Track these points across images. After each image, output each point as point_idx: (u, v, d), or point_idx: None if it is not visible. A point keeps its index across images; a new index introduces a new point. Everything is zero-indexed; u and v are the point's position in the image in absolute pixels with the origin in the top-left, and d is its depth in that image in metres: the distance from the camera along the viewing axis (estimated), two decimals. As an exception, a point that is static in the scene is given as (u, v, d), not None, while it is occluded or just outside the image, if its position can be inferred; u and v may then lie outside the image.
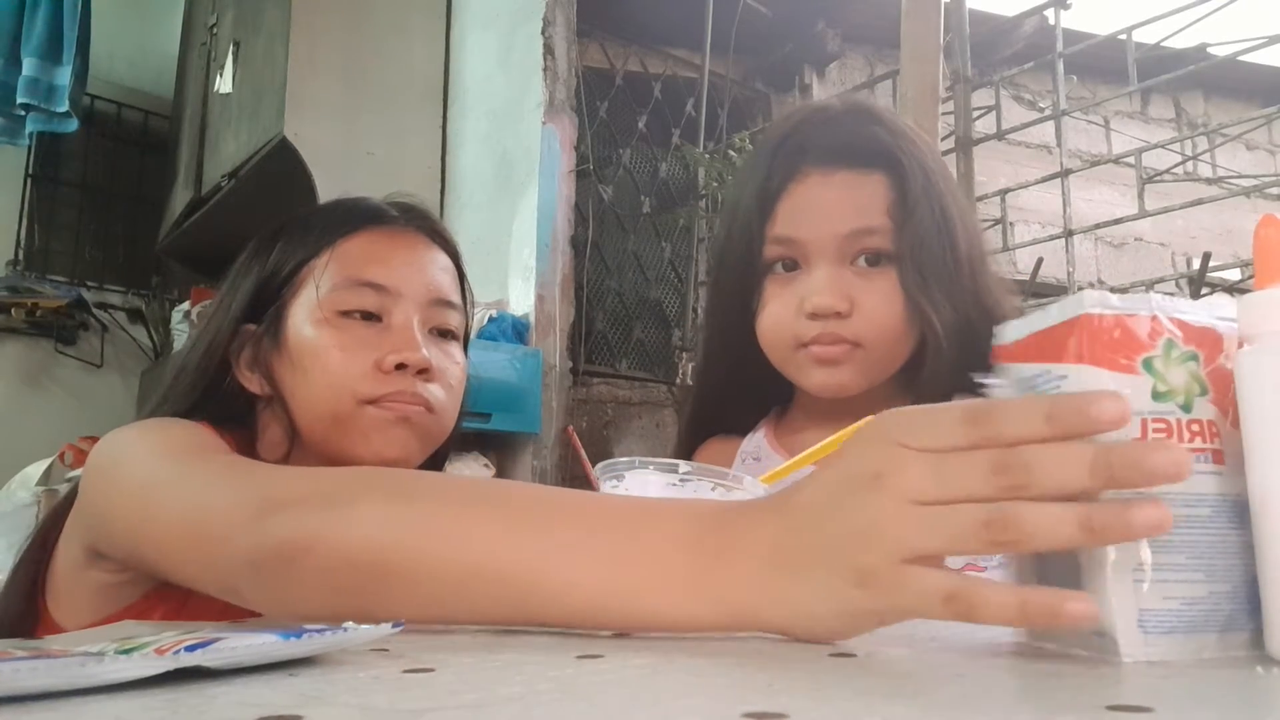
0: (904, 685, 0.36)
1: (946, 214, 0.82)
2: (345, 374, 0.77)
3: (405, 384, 0.77)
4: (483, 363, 2.53)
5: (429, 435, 0.80)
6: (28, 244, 3.86)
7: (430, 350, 0.80)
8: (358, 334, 0.79)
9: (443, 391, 0.80)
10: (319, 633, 0.42)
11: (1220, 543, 0.40)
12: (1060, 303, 0.43)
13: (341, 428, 0.77)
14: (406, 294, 0.81)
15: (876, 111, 0.90)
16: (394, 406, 0.77)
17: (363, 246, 0.83)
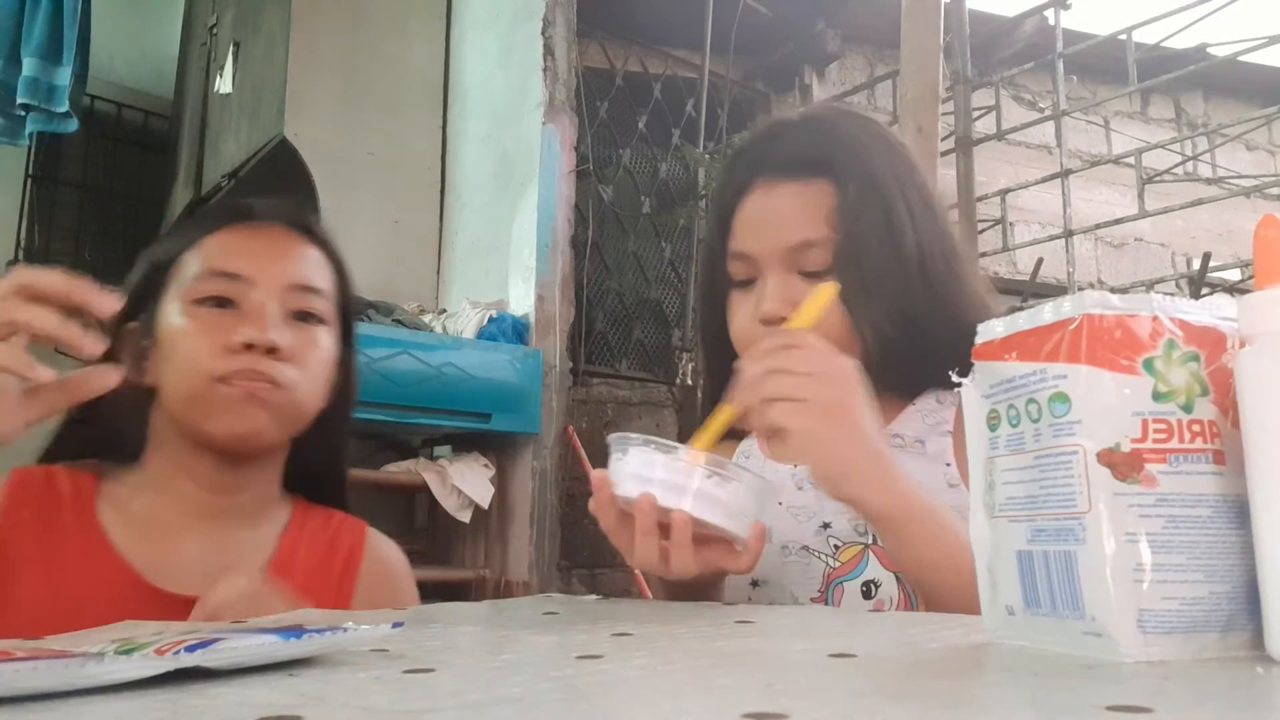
0: (904, 685, 0.36)
1: (891, 218, 0.81)
2: (197, 354, 0.81)
3: (252, 362, 0.80)
4: (483, 363, 2.55)
5: (281, 412, 0.83)
6: (28, 244, 3.87)
7: (286, 333, 0.83)
8: (212, 319, 0.82)
9: (296, 371, 0.83)
10: (319, 633, 0.42)
11: (1220, 543, 0.40)
12: (1054, 302, 0.43)
13: (196, 406, 0.81)
14: (261, 281, 0.84)
15: (828, 119, 0.90)
16: (240, 384, 0.80)
17: (223, 240, 0.87)
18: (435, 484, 2.53)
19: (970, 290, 0.84)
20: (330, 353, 0.88)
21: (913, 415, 0.85)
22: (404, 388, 2.40)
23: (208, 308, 0.83)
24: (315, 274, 0.88)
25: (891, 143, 0.88)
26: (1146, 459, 0.40)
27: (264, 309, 0.83)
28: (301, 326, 0.85)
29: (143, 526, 0.84)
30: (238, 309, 0.83)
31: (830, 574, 0.83)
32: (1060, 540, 0.41)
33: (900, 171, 0.85)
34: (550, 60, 2.88)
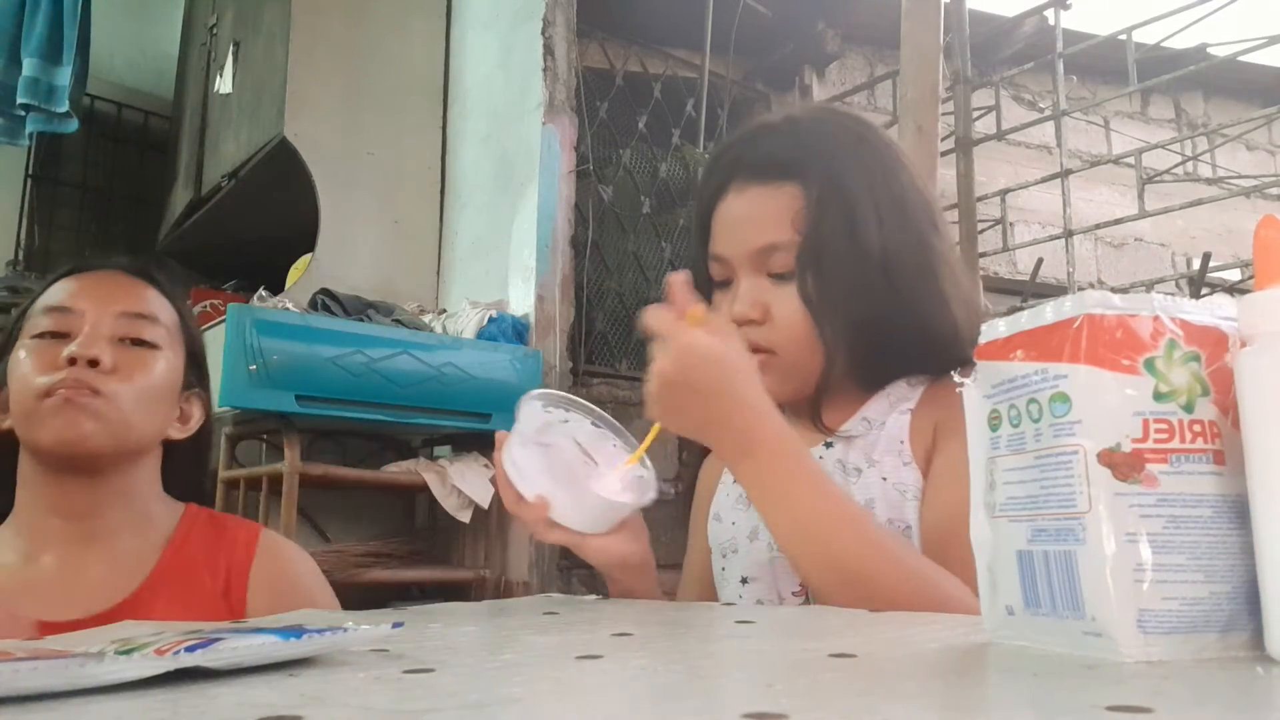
0: (904, 685, 0.36)
1: (855, 219, 0.82)
2: (29, 376, 0.88)
3: (74, 374, 0.87)
4: (483, 363, 2.54)
5: (103, 418, 0.88)
6: (28, 244, 3.86)
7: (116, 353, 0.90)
8: (45, 348, 0.90)
9: (121, 385, 0.89)
10: (319, 633, 0.42)
11: (1220, 543, 0.40)
12: (1055, 302, 0.43)
13: (29, 421, 0.88)
14: (90, 311, 0.91)
15: (806, 121, 0.90)
16: (60, 393, 0.86)
17: (60, 285, 0.95)
18: (435, 484, 2.53)
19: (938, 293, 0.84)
20: (166, 377, 0.94)
21: (880, 400, 0.86)
22: (404, 388, 2.40)
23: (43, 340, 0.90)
24: (150, 304, 0.95)
25: (868, 141, 0.88)
26: (1147, 459, 0.40)
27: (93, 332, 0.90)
28: (133, 349, 0.92)
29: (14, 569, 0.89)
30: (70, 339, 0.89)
31: None
32: (1060, 540, 0.41)
33: (871, 171, 0.85)
34: (550, 60, 2.87)
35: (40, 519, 0.90)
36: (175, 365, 0.96)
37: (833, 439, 0.86)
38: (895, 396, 0.86)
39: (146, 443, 0.94)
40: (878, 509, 0.80)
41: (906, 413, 0.84)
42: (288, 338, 2.23)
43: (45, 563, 0.89)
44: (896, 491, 0.80)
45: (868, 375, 0.87)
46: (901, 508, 0.79)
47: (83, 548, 0.90)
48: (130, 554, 0.92)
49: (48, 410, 0.86)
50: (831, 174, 0.83)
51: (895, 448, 0.82)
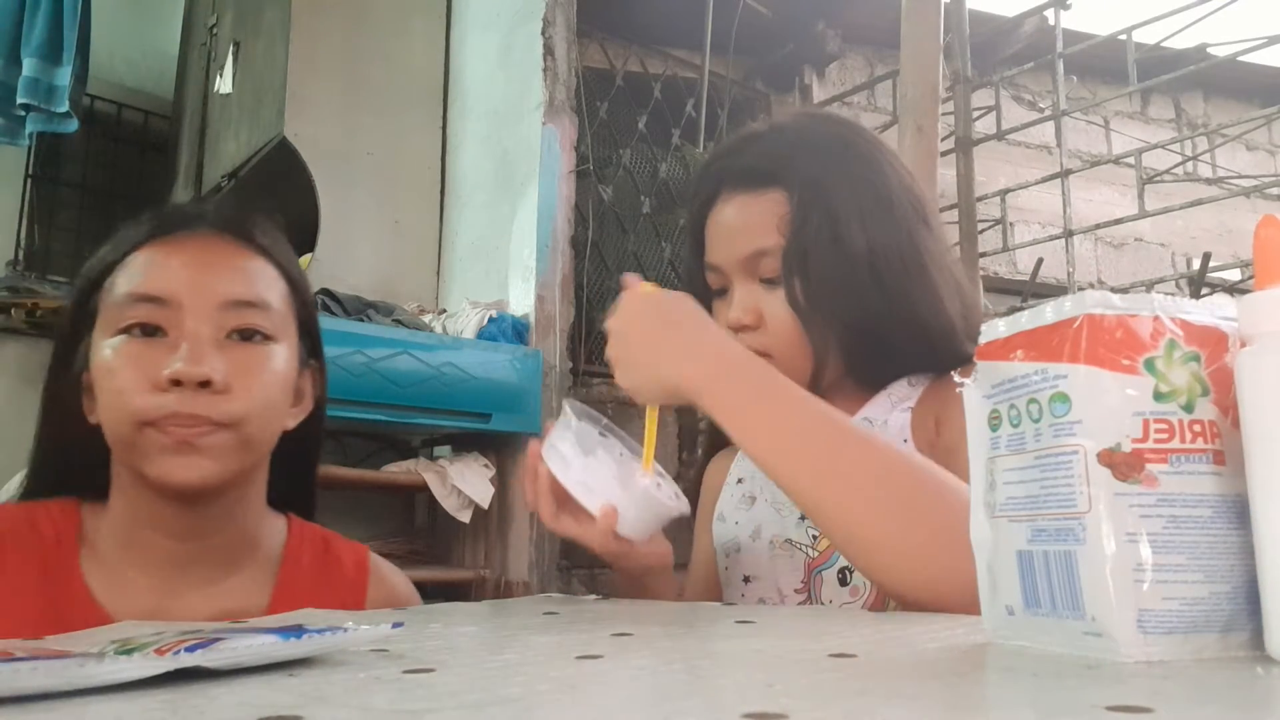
0: (904, 685, 0.36)
1: (837, 221, 0.83)
2: (122, 394, 0.72)
3: (184, 403, 0.71)
4: (483, 363, 2.54)
5: (225, 455, 0.73)
6: (28, 244, 3.86)
7: (225, 359, 0.73)
8: (136, 351, 0.73)
9: (239, 403, 0.73)
10: (319, 633, 0.42)
11: (1220, 543, 0.40)
12: (1055, 302, 0.43)
13: (130, 452, 0.73)
14: (189, 302, 0.74)
15: (789, 127, 0.91)
16: (172, 431, 0.71)
17: (145, 259, 0.77)
18: (435, 484, 2.53)
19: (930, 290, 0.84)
20: (284, 372, 0.78)
21: (881, 400, 0.87)
22: (404, 388, 2.40)
23: (133, 338, 0.73)
24: (257, 286, 0.78)
25: (851, 143, 0.88)
26: (1147, 459, 0.40)
27: (196, 334, 0.73)
28: (243, 347, 0.75)
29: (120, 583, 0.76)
30: (166, 337, 0.73)
31: (810, 564, 0.84)
32: (1060, 540, 0.41)
33: (854, 172, 0.85)
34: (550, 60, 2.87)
35: (137, 531, 0.77)
36: (292, 349, 0.80)
37: None
38: (896, 396, 0.86)
39: (265, 455, 0.79)
40: None
41: (908, 410, 0.84)
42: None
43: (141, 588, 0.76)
44: None
45: (867, 375, 0.87)
46: None
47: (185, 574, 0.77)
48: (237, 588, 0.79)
49: (154, 447, 0.71)
50: (813, 177, 0.84)
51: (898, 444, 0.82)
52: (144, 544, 0.77)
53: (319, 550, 0.86)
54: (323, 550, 0.86)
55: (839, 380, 0.87)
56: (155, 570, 0.77)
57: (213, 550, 0.78)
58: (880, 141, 0.94)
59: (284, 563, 0.83)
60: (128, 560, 0.77)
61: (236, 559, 0.80)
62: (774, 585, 0.86)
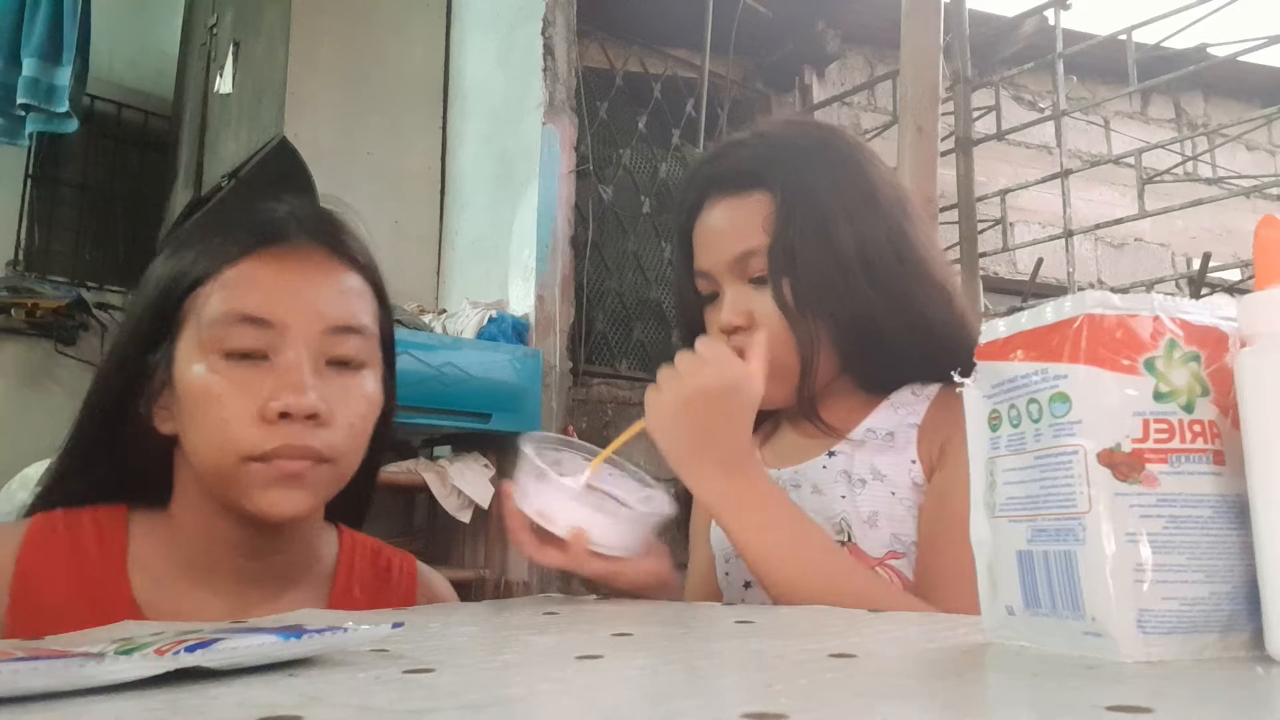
0: (904, 685, 0.36)
1: (824, 217, 0.83)
2: (226, 426, 0.69)
3: (292, 436, 0.69)
4: (483, 363, 2.54)
5: (322, 487, 0.73)
6: (28, 244, 3.87)
7: (325, 388, 0.72)
8: (239, 377, 0.70)
9: (340, 435, 0.72)
10: (319, 633, 0.42)
11: (1220, 543, 0.40)
12: (1055, 302, 0.43)
13: (227, 483, 0.71)
14: (294, 326, 0.72)
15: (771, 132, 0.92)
16: (281, 464, 0.69)
17: (247, 274, 0.73)
18: (435, 484, 2.53)
19: (928, 282, 0.85)
20: (374, 397, 0.77)
21: (885, 410, 0.86)
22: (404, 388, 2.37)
23: (234, 362, 0.71)
24: (356, 310, 0.76)
25: (832, 144, 0.89)
26: (1148, 459, 0.40)
27: (298, 364, 0.70)
28: (340, 375, 0.74)
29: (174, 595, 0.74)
30: (268, 362, 0.71)
31: None
32: (1060, 540, 0.41)
33: (836, 170, 0.86)
34: (550, 60, 2.88)
35: (208, 548, 0.75)
36: (378, 371, 0.79)
37: (836, 448, 0.85)
38: (901, 405, 0.86)
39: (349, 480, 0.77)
40: (881, 522, 0.80)
41: (914, 427, 0.84)
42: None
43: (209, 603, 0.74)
44: (903, 507, 0.80)
45: (865, 376, 0.87)
46: (907, 523, 0.80)
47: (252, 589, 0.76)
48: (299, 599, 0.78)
49: (257, 478, 0.69)
50: (797, 177, 0.85)
51: (905, 465, 0.82)
52: (212, 561, 0.75)
53: (370, 559, 0.85)
54: (373, 559, 0.85)
55: (835, 381, 0.87)
56: (221, 586, 0.75)
57: (278, 566, 0.78)
58: (861, 142, 0.95)
59: (338, 573, 0.82)
60: (190, 576, 0.75)
61: (298, 573, 0.80)
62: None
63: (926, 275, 0.85)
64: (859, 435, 0.85)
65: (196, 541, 0.75)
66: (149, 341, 0.74)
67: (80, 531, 0.74)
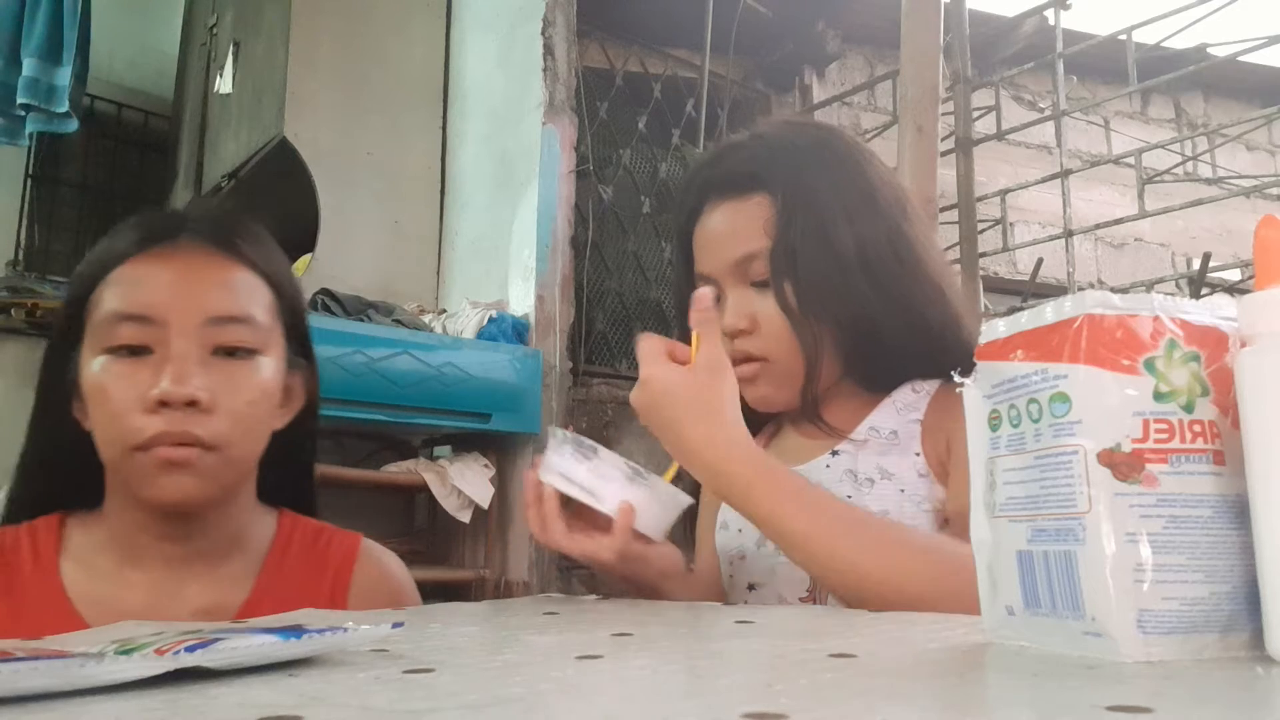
0: (904, 685, 0.36)
1: (824, 219, 0.83)
2: (113, 418, 0.74)
3: (172, 423, 0.72)
4: (483, 363, 2.54)
5: (212, 473, 0.75)
6: (28, 244, 3.87)
7: (210, 377, 0.75)
8: (125, 371, 0.74)
9: (225, 422, 0.75)
10: (319, 633, 0.42)
11: (1220, 543, 0.40)
12: (1055, 302, 0.43)
13: (124, 474, 0.75)
14: (174, 321, 0.75)
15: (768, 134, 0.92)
16: (162, 452, 0.73)
17: (129, 275, 0.77)
18: (435, 484, 2.53)
19: (926, 281, 0.85)
20: (268, 384, 0.80)
21: (887, 408, 0.86)
22: (404, 388, 2.40)
23: (119, 358, 0.75)
24: (241, 300, 0.79)
25: (830, 145, 0.89)
26: (1148, 459, 0.40)
27: (182, 354, 0.74)
28: (228, 363, 0.77)
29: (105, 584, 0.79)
30: (153, 355, 0.75)
31: None
32: (1060, 540, 0.41)
33: (835, 172, 0.86)
34: (550, 60, 2.88)
35: (132, 535, 0.79)
36: (278, 357, 0.81)
37: (839, 448, 0.86)
38: (902, 403, 0.86)
39: (252, 465, 0.82)
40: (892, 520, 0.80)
41: (916, 422, 0.84)
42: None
43: (138, 583, 0.79)
44: (912, 504, 0.80)
45: (867, 377, 0.87)
46: (917, 520, 0.80)
47: (180, 571, 0.80)
48: (227, 577, 0.82)
49: (144, 467, 0.73)
50: (796, 179, 0.85)
51: (910, 460, 0.82)
52: (139, 548, 0.80)
53: (309, 541, 0.88)
54: (313, 540, 0.88)
55: (838, 383, 0.87)
56: (152, 568, 0.80)
57: (203, 549, 0.81)
58: (859, 142, 0.95)
59: (270, 554, 0.85)
60: (122, 563, 0.80)
61: (226, 555, 0.83)
62: (777, 594, 0.86)
63: (924, 275, 0.85)
64: (861, 434, 0.85)
65: (124, 531, 0.79)
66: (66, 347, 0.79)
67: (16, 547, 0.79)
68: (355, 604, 0.85)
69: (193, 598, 0.80)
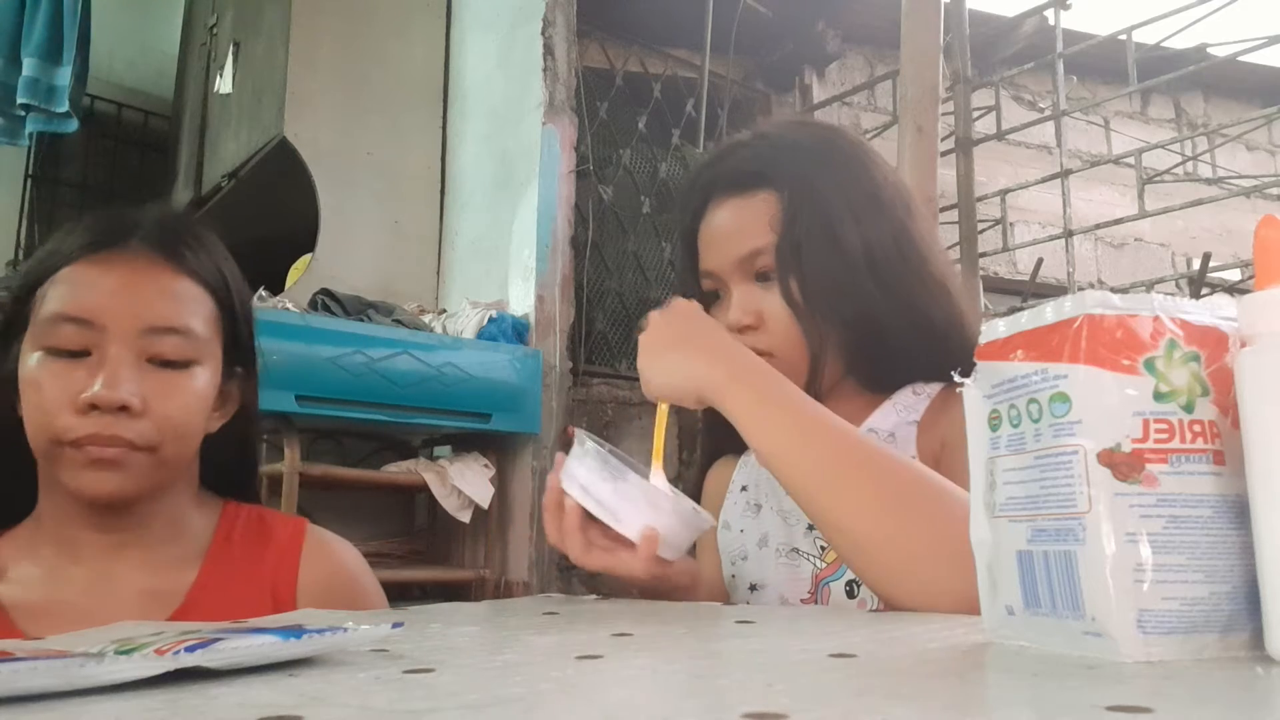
0: (904, 685, 0.36)
1: (830, 216, 0.83)
2: (44, 413, 0.76)
3: (102, 425, 0.75)
4: (483, 363, 2.54)
5: (142, 471, 0.78)
6: (28, 244, 3.86)
7: (144, 383, 0.77)
8: (59, 370, 0.77)
9: (154, 427, 0.77)
10: (319, 633, 0.42)
11: (1220, 543, 0.40)
12: (1055, 302, 0.43)
13: (50, 465, 0.78)
14: (111, 326, 0.77)
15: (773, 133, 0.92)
16: (91, 450, 0.75)
17: (75, 276, 0.79)
18: (435, 484, 2.53)
19: (931, 280, 0.85)
20: (201, 391, 0.82)
21: (887, 409, 0.86)
22: (404, 388, 2.40)
23: (57, 358, 0.77)
24: (181, 311, 0.81)
25: (835, 144, 0.90)
26: (1148, 459, 0.40)
27: (118, 359, 0.76)
28: (161, 372, 0.79)
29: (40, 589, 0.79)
30: (90, 357, 0.77)
31: (818, 575, 0.84)
32: (1060, 540, 0.41)
33: (840, 170, 0.86)
34: (550, 60, 2.87)
35: (68, 530, 0.81)
36: (214, 369, 0.84)
37: None
38: (902, 405, 0.86)
39: (184, 466, 0.84)
40: None
41: (913, 425, 0.84)
42: (288, 338, 2.23)
43: (76, 576, 0.80)
44: None
45: (869, 377, 0.87)
46: None
47: (117, 560, 0.81)
48: (168, 565, 0.83)
49: (71, 462, 0.76)
50: (802, 175, 0.85)
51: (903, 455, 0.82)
52: (77, 540, 0.81)
53: (252, 527, 0.89)
54: (256, 527, 0.89)
55: (840, 382, 0.87)
56: (89, 560, 0.81)
57: (140, 538, 0.83)
58: (863, 141, 0.95)
59: (215, 538, 0.87)
60: (64, 556, 0.81)
61: (164, 541, 0.84)
62: (779, 594, 0.86)
63: (929, 275, 0.85)
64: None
65: (58, 525, 0.81)
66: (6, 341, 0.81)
67: None
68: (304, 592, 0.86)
69: (133, 583, 0.81)
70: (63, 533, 0.81)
